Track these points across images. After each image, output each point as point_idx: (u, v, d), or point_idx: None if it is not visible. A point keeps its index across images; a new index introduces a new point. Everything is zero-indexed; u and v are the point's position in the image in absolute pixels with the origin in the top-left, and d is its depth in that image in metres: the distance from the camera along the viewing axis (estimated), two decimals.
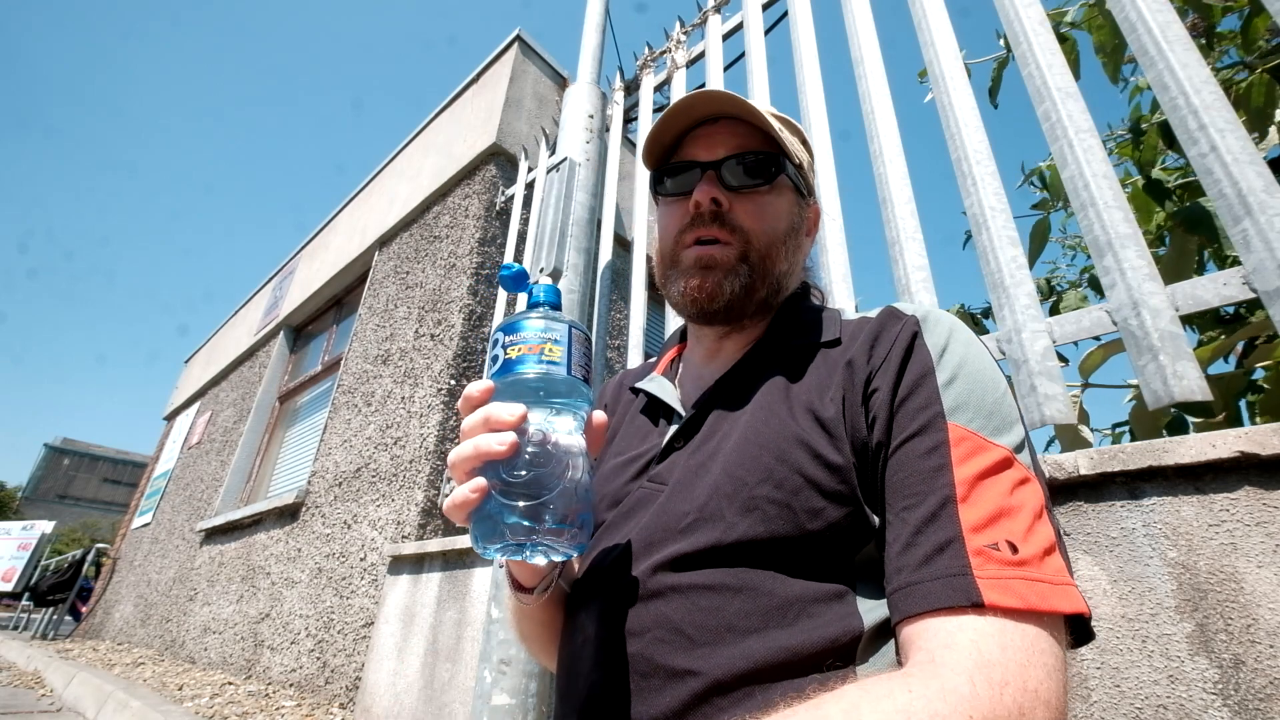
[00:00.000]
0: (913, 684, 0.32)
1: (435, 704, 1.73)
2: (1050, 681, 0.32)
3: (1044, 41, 1.19)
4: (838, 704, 0.32)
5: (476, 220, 3.02)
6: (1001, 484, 0.39)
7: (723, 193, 0.56)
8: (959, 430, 0.41)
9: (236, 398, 5.44)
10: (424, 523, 2.35)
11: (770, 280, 0.58)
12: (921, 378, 0.44)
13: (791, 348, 0.54)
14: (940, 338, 0.46)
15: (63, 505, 33.58)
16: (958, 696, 0.31)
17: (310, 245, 5.45)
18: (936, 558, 0.37)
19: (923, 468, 0.40)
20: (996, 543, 0.36)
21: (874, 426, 0.44)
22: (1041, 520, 0.38)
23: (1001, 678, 0.32)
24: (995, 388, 0.44)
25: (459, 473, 0.41)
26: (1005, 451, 0.40)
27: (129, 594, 5.44)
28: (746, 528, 0.44)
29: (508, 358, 0.44)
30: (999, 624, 0.34)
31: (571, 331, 0.45)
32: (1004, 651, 0.33)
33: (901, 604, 0.37)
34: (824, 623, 0.40)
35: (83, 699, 2.75)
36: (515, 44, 3.55)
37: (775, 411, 0.49)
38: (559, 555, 0.42)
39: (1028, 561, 0.35)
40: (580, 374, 0.45)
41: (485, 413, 0.41)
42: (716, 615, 0.42)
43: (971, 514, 0.37)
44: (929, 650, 0.34)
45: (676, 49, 2.11)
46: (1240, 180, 0.88)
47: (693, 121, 0.60)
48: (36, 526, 6.83)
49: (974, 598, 0.34)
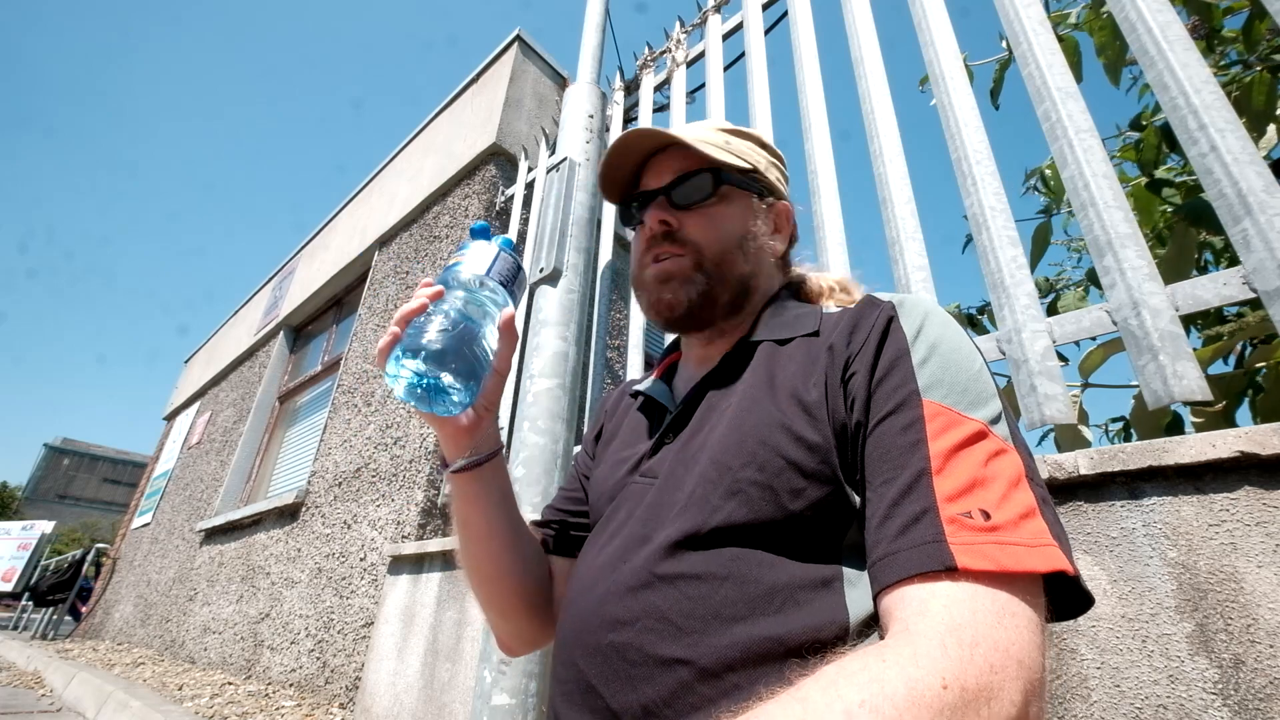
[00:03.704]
0: (886, 654, 0.33)
1: (435, 704, 1.73)
2: (1022, 640, 0.33)
3: (1044, 41, 1.19)
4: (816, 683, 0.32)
5: (476, 220, 3.02)
6: (976, 455, 0.39)
7: (671, 214, 0.61)
8: (934, 406, 0.42)
9: (236, 398, 5.44)
10: (424, 523, 2.35)
11: (731, 282, 0.60)
12: (897, 359, 0.45)
13: (776, 342, 0.56)
14: (915, 320, 0.47)
15: (63, 505, 33.57)
16: (929, 660, 0.31)
17: (310, 245, 5.45)
18: (912, 528, 0.37)
19: (899, 444, 0.41)
20: (970, 511, 0.37)
21: (853, 408, 0.45)
22: (1018, 488, 0.38)
23: (972, 638, 0.32)
24: (969, 365, 0.45)
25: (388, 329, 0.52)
26: (980, 425, 0.41)
27: (129, 594, 5.44)
28: (730, 511, 0.45)
29: (449, 263, 0.58)
30: (970, 588, 0.34)
31: (500, 252, 0.58)
32: (974, 614, 0.33)
33: (879, 575, 0.38)
34: (811, 610, 0.41)
35: (83, 699, 2.75)
36: (515, 44, 3.55)
37: (759, 400, 0.51)
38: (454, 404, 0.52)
39: (1000, 527, 0.36)
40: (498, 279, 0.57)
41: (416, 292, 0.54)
42: (704, 604, 0.43)
43: (946, 485, 0.38)
44: (903, 620, 0.35)
45: (676, 49, 2.11)
46: (1240, 180, 0.88)
47: (642, 156, 0.66)
48: (36, 526, 6.83)
49: (947, 562, 0.35)
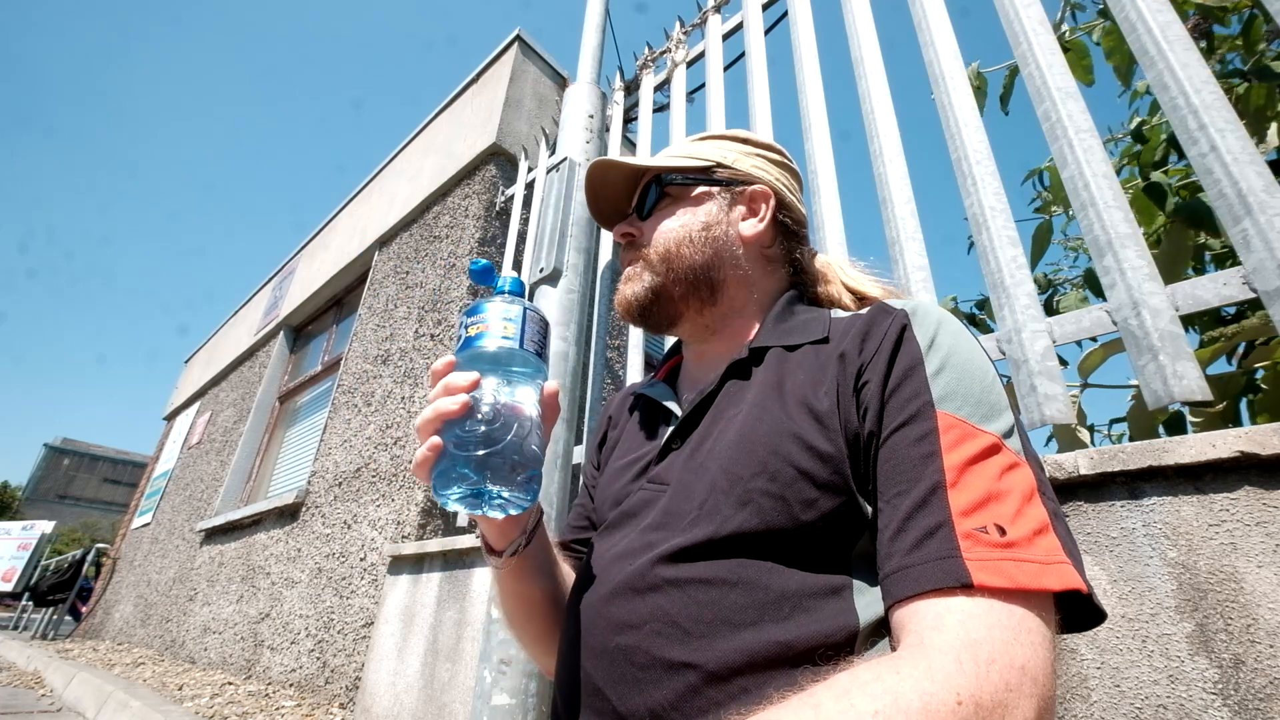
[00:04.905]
0: (901, 666, 0.32)
1: (435, 704, 1.73)
2: (1037, 658, 0.33)
3: (1044, 41, 1.19)
4: (829, 690, 0.32)
5: (476, 220, 3.02)
6: (990, 469, 0.39)
7: (635, 226, 0.65)
8: (948, 418, 0.41)
9: (236, 398, 5.44)
10: (424, 523, 2.35)
11: (681, 273, 0.61)
12: (911, 369, 0.44)
13: (783, 347, 0.56)
14: (929, 330, 0.47)
15: (63, 505, 33.56)
16: (944, 675, 0.31)
17: (310, 245, 5.45)
18: (926, 542, 0.37)
19: (913, 455, 0.41)
20: (985, 526, 0.36)
21: (865, 417, 0.45)
22: (1031, 503, 0.38)
23: (988, 655, 0.32)
24: (983, 377, 0.44)
25: (422, 435, 0.46)
26: (994, 438, 0.41)
27: (129, 594, 5.44)
28: (742, 520, 0.45)
29: (468, 335, 0.49)
30: (986, 604, 0.34)
31: (526, 312, 0.50)
32: (990, 630, 0.33)
33: (893, 588, 0.38)
34: (820, 617, 0.41)
35: (83, 699, 2.75)
36: (515, 44, 3.54)
37: (769, 408, 0.50)
38: (512, 507, 0.47)
39: (1016, 543, 0.36)
40: (533, 349, 0.50)
41: (445, 381, 0.47)
42: (713, 609, 0.42)
43: (960, 499, 0.38)
44: (918, 633, 0.35)
45: (676, 49, 2.11)
46: (1240, 180, 0.88)
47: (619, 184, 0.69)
48: (36, 526, 6.83)
49: (963, 579, 0.35)
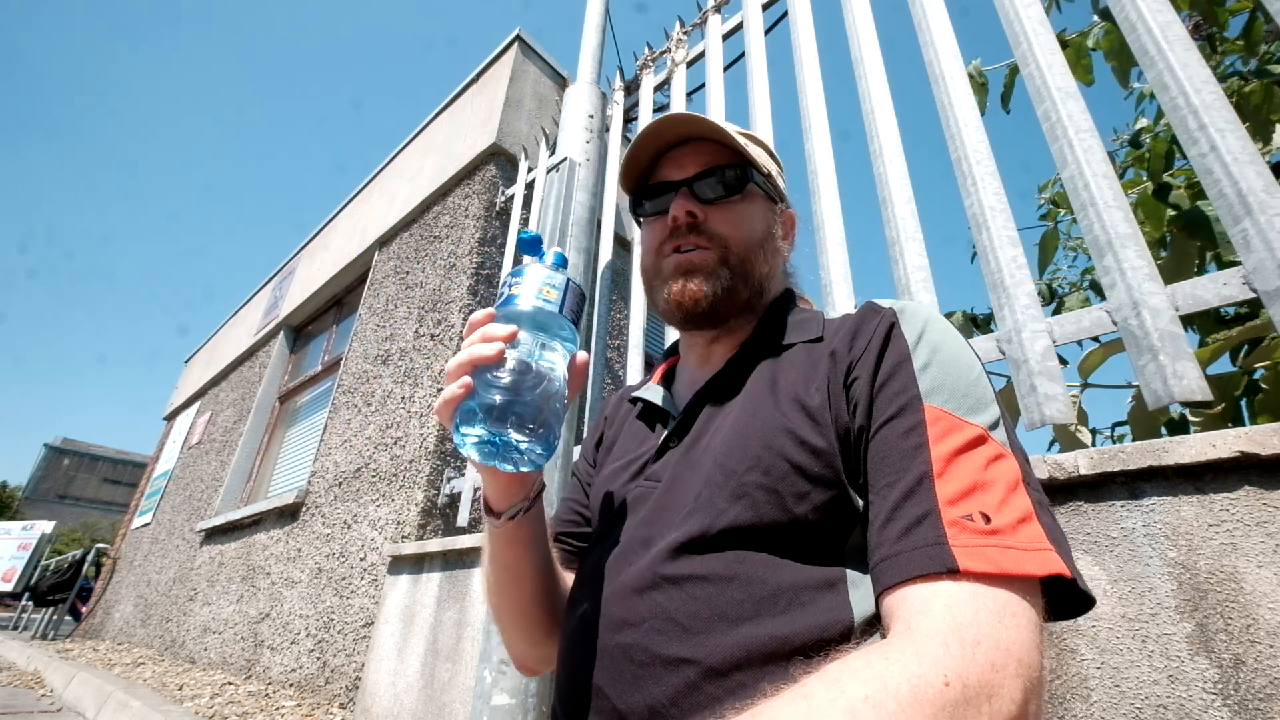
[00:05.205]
0: (890, 651, 0.33)
1: (435, 704, 1.73)
2: (1023, 640, 0.34)
3: (1044, 41, 1.19)
4: (820, 680, 0.33)
5: (476, 220, 3.02)
6: (976, 459, 0.40)
7: (698, 206, 0.60)
8: (935, 411, 0.43)
9: (236, 398, 5.44)
10: (424, 523, 2.35)
11: (752, 282, 0.61)
12: (899, 364, 0.46)
13: (778, 347, 0.57)
14: (916, 326, 0.48)
15: (63, 505, 33.55)
16: (932, 658, 0.32)
17: (310, 245, 5.45)
18: (914, 530, 0.38)
19: (902, 447, 0.42)
20: (971, 514, 0.37)
21: (855, 412, 0.46)
22: (1016, 492, 0.39)
23: (974, 638, 0.33)
24: (969, 371, 0.46)
25: (452, 376, 0.47)
26: (980, 429, 0.42)
27: (129, 594, 5.44)
28: (736, 514, 0.46)
29: (510, 293, 0.50)
30: (972, 589, 0.35)
31: (569, 283, 0.51)
32: (976, 614, 0.34)
33: (881, 576, 0.39)
34: (816, 611, 0.42)
35: (83, 699, 2.75)
36: (515, 44, 3.54)
37: (762, 405, 0.51)
38: (525, 464, 0.48)
39: (1000, 530, 0.37)
40: (570, 316, 0.51)
41: (483, 330, 0.48)
42: (710, 604, 0.43)
43: (947, 488, 0.39)
44: (905, 619, 0.35)
45: (676, 49, 2.11)
46: (1240, 180, 0.88)
47: (663, 145, 0.64)
48: (36, 526, 6.83)
49: (949, 564, 0.35)
